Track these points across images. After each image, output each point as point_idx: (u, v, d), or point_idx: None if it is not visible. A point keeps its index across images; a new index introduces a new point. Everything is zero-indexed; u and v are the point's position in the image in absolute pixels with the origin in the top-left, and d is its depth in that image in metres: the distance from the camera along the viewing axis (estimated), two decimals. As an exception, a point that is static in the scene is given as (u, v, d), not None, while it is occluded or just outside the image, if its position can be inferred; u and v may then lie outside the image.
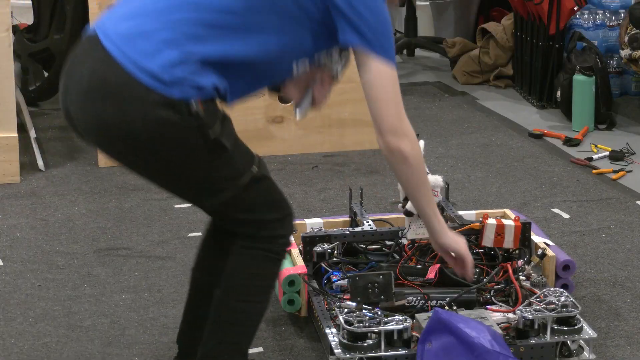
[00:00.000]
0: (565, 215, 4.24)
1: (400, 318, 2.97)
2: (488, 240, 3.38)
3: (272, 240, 2.70)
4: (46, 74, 5.70)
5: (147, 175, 2.69)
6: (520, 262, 3.38)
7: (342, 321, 2.94)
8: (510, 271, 3.25)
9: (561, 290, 3.13)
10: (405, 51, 7.01)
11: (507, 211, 3.73)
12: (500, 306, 3.21)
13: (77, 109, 2.59)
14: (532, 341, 2.99)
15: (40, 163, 4.79)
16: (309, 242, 3.36)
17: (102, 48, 2.56)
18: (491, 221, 3.37)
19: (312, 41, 2.66)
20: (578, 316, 3.03)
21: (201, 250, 2.90)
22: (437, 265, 3.27)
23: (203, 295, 2.83)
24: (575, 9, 5.67)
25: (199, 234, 4.04)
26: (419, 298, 3.17)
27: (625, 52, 5.42)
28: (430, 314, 3.08)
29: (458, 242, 2.92)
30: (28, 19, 6.09)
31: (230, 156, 2.60)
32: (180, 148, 2.55)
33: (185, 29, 2.52)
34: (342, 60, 2.83)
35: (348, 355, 2.91)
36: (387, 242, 3.47)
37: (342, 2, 2.59)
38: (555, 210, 4.30)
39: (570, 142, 5.16)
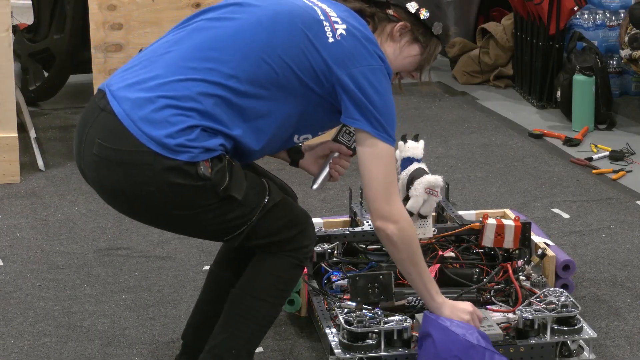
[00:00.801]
0: (565, 215, 4.24)
1: (400, 318, 2.97)
2: (488, 240, 3.38)
3: (298, 250, 2.75)
4: (46, 74, 5.71)
5: (165, 228, 2.82)
6: (520, 262, 3.38)
7: (342, 321, 2.94)
8: (510, 271, 3.25)
9: (561, 290, 3.13)
10: (405, 51, 7.00)
11: (507, 211, 3.73)
12: (500, 306, 3.21)
13: (91, 173, 2.68)
14: (532, 341, 2.99)
15: (40, 163, 4.79)
16: (309, 242, 3.36)
17: (111, 111, 2.61)
18: (491, 221, 3.37)
19: (315, 115, 2.72)
20: (578, 316, 3.03)
21: (224, 246, 2.94)
22: (437, 265, 3.27)
23: (219, 292, 2.87)
24: (575, 9, 5.67)
25: (199, 234, 4.04)
26: (419, 298, 3.17)
27: (625, 52, 5.42)
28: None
29: (459, 312, 2.90)
30: (28, 19, 6.10)
31: (241, 202, 2.66)
32: (194, 206, 2.63)
33: (192, 102, 2.58)
34: None
35: (348, 355, 2.91)
36: (387, 242, 3.47)
37: (351, 84, 2.65)
38: (555, 210, 4.30)
39: (570, 142, 5.16)
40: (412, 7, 2.78)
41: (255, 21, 2.65)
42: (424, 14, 2.78)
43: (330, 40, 2.65)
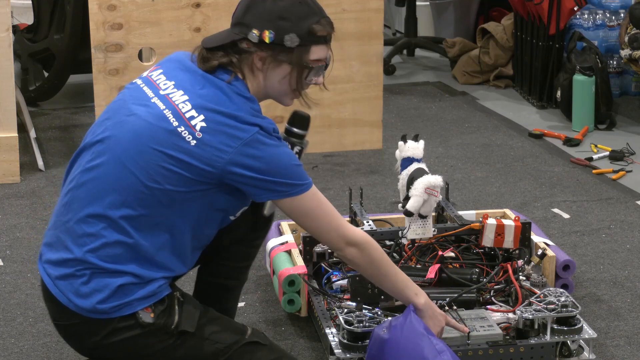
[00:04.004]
0: (565, 215, 4.25)
1: (400, 318, 2.97)
2: (488, 240, 3.38)
3: None
4: (46, 74, 5.70)
5: None
6: (520, 262, 3.38)
7: (342, 321, 2.94)
8: (510, 271, 3.25)
9: (561, 290, 3.13)
10: (405, 51, 7.01)
11: (507, 211, 3.73)
12: (500, 306, 3.21)
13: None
14: (532, 341, 2.99)
15: (40, 163, 4.79)
16: (309, 242, 3.37)
17: (44, 285, 2.67)
18: (491, 221, 3.37)
19: (227, 197, 2.65)
20: (578, 316, 3.03)
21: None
22: (437, 265, 3.27)
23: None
24: (575, 9, 5.67)
25: (199, 234, 4.04)
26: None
27: (625, 52, 5.42)
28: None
29: (436, 320, 2.83)
30: (28, 19, 6.10)
31: (201, 336, 2.63)
32: (153, 350, 2.62)
33: (99, 254, 2.58)
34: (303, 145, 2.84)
35: (348, 355, 2.91)
36: (387, 242, 3.47)
37: (236, 171, 2.56)
38: (555, 210, 4.30)
39: (570, 142, 5.16)
40: (253, 37, 2.60)
41: (120, 165, 2.58)
42: (267, 36, 2.60)
43: (193, 143, 2.54)
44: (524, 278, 3.34)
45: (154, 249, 2.59)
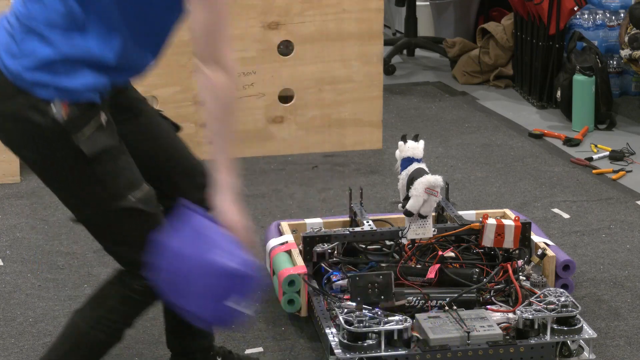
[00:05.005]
0: (565, 215, 4.25)
1: (400, 318, 2.97)
2: (488, 240, 3.38)
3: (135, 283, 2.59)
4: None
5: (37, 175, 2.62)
6: (520, 262, 3.38)
7: (342, 321, 2.94)
8: (510, 271, 3.25)
9: (561, 290, 3.13)
10: (405, 51, 7.01)
11: (507, 211, 3.74)
12: (500, 306, 3.21)
13: None
14: (532, 341, 2.99)
15: (40, 163, 4.79)
16: (309, 242, 3.37)
17: None
18: (491, 221, 3.37)
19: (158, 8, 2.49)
20: (578, 316, 3.03)
21: None
22: (437, 265, 3.28)
23: None
24: (575, 9, 5.67)
25: (199, 234, 4.04)
26: (419, 298, 3.18)
27: (625, 52, 5.42)
28: (431, 313, 3.09)
29: (228, 213, 2.50)
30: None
31: (95, 170, 2.48)
32: (46, 151, 2.48)
33: (43, 26, 2.44)
34: None
35: (348, 355, 2.91)
36: (387, 242, 3.47)
37: None
38: (555, 210, 4.30)
39: (570, 142, 5.16)
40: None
41: None
42: None
43: None
44: (524, 278, 3.34)
45: (83, 18, 2.43)
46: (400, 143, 3.47)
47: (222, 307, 2.46)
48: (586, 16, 5.87)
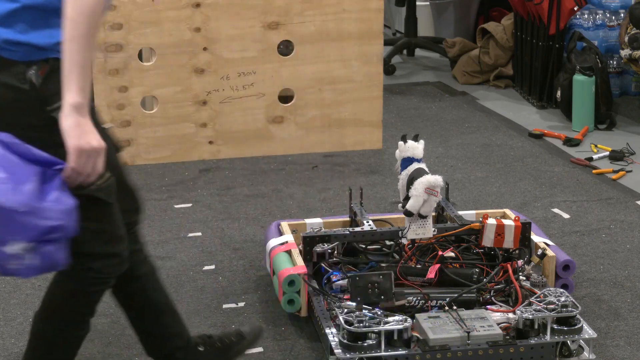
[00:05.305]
0: (565, 215, 4.25)
1: (400, 318, 2.97)
2: (488, 240, 3.38)
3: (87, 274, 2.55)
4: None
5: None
6: (520, 262, 3.38)
7: (342, 321, 2.94)
8: (510, 271, 3.25)
9: (561, 290, 3.13)
10: (405, 51, 7.01)
11: (507, 211, 3.74)
12: (500, 306, 3.21)
13: None
14: (532, 341, 2.99)
15: (40, 163, 4.78)
16: (309, 242, 3.37)
17: None
18: (491, 221, 3.37)
19: None
20: (578, 316, 3.03)
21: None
22: (437, 265, 3.28)
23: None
24: (575, 9, 5.67)
25: (199, 234, 4.04)
26: (419, 298, 3.18)
27: (625, 52, 5.42)
28: (431, 313, 3.09)
29: (68, 137, 2.23)
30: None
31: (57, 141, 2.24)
32: (18, 118, 2.30)
33: None
34: None
35: (348, 355, 2.91)
36: (387, 242, 3.47)
37: None
38: (555, 210, 4.30)
39: (570, 142, 5.16)
40: None
41: None
42: None
43: None
44: (524, 278, 3.33)
45: None
46: (400, 143, 3.47)
47: None
48: (586, 16, 5.87)
